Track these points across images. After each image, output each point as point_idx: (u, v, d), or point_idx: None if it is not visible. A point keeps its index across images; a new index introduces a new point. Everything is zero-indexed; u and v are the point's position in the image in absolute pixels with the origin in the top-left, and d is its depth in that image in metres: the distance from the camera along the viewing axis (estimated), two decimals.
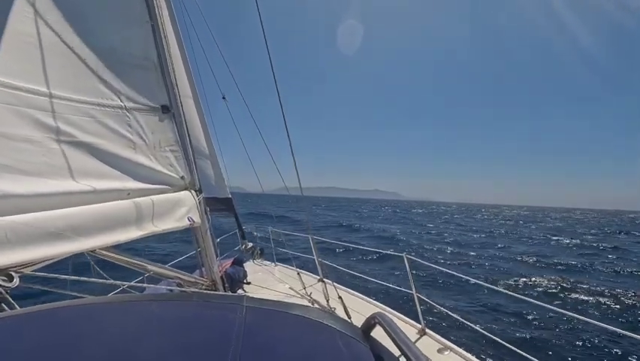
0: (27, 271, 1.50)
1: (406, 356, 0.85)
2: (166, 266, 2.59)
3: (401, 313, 4.02)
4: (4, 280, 1.34)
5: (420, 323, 3.64)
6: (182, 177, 2.52)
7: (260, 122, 4.53)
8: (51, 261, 1.59)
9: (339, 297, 3.57)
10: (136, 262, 2.32)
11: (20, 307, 1.28)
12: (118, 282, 2.18)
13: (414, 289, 3.85)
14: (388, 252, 4.94)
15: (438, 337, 3.49)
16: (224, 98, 4.91)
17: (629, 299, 9.37)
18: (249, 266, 6.02)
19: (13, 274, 1.38)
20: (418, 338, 3.49)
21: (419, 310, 3.69)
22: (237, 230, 5.60)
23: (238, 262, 5.12)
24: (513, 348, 3.07)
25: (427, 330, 3.59)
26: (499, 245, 21.14)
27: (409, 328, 3.66)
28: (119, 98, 2.19)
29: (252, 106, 4.69)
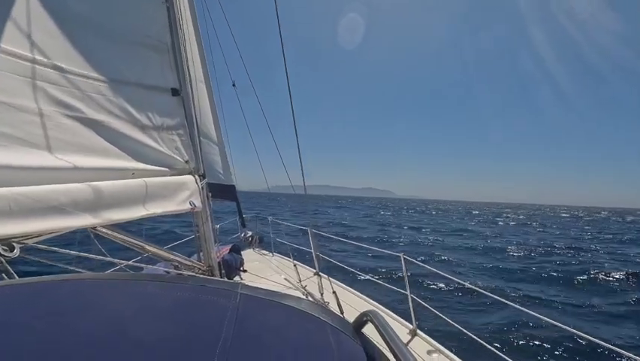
0: (29, 242, 1.52)
1: (394, 355, 0.86)
2: (164, 248, 2.62)
3: (394, 312, 4.04)
4: (4, 250, 1.36)
5: (412, 324, 3.66)
6: (186, 161, 2.53)
7: (257, 118, 4.51)
8: (53, 234, 1.61)
9: (334, 291, 3.59)
10: (135, 242, 2.34)
11: (19, 277, 1.30)
12: (116, 260, 2.20)
13: (408, 290, 3.86)
14: (386, 251, 4.94)
15: (429, 338, 3.51)
16: (234, 85, 4.90)
17: None
18: (247, 254, 6.05)
19: (14, 244, 1.40)
20: (410, 339, 3.51)
21: (412, 310, 3.70)
22: (238, 218, 5.62)
23: (236, 250, 5.16)
24: (504, 356, 3.08)
25: (419, 331, 3.61)
26: None
27: (400, 327, 3.68)
28: (130, 77, 2.20)
29: (249, 104, 4.67)
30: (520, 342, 6.69)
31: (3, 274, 1.43)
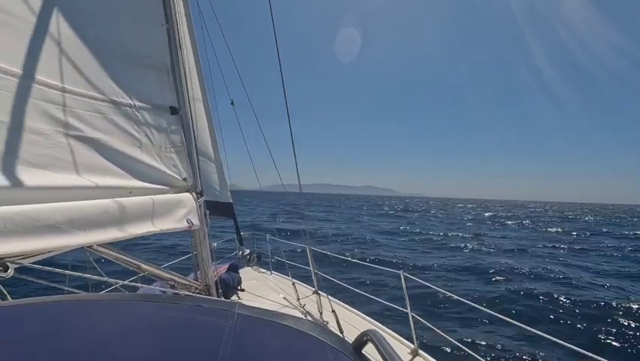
0: (24, 262, 1.49)
1: None
2: (160, 267, 2.58)
3: (395, 331, 3.97)
4: None
5: (413, 343, 3.59)
6: (184, 179, 2.53)
7: (256, 121, 4.59)
8: (49, 254, 1.59)
9: (333, 310, 3.54)
10: (131, 260, 2.32)
11: (12, 298, 1.27)
12: (112, 280, 2.17)
13: (409, 308, 3.81)
14: (386, 268, 4.89)
15: (430, 358, 3.44)
16: (232, 103, 4.96)
17: None
18: (245, 272, 5.98)
19: (8, 264, 1.38)
20: (411, 359, 3.44)
21: (413, 329, 3.64)
22: (236, 235, 5.59)
23: (233, 268, 5.10)
24: None
25: (420, 351, 3.54)
26: None
27: (401, 347, 3.61)
28: (129, 96, 2.22)
29: (249, 108, 4.72)
30: None
31: None
